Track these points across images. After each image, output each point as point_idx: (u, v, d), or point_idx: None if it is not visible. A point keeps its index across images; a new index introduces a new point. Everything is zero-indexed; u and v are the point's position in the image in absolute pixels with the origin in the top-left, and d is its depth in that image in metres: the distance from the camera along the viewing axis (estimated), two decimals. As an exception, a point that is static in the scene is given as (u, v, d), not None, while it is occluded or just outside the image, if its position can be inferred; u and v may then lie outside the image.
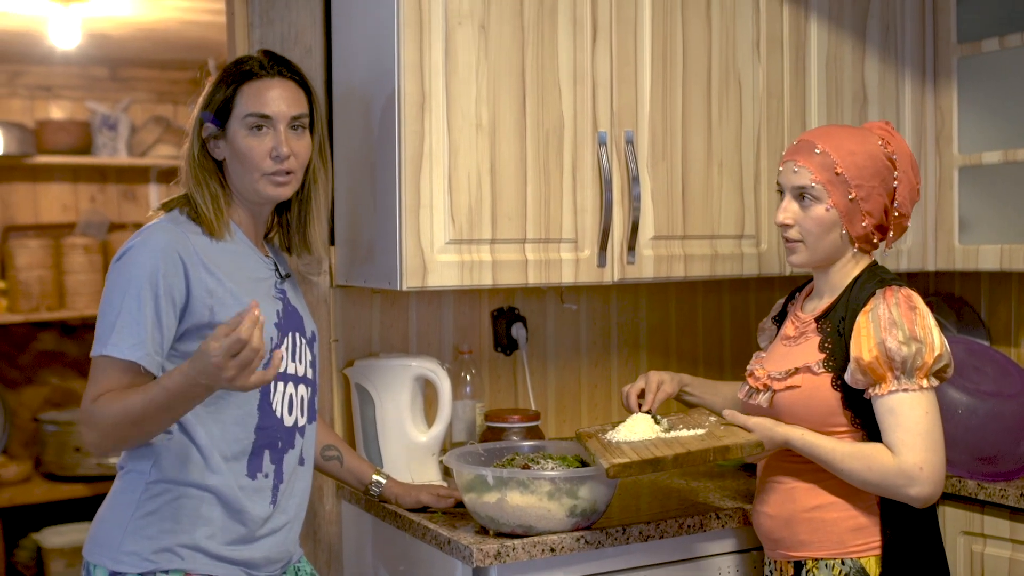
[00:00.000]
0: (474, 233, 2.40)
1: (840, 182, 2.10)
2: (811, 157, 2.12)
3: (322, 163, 2.15)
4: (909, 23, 2.99)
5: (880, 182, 2.12)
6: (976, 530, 2.57)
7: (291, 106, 2.04)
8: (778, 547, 2.18)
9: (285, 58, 2.09)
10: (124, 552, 1.94)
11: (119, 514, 1.97)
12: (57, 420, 4.79)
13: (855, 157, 2.11)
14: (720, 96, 2.69)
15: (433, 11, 2.34)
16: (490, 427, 2.65)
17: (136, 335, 1.88)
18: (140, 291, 1.89)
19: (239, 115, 2.02)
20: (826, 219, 2.13)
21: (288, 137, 2.03)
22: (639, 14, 2.58)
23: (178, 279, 1.92)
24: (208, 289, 1.94)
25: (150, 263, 1.90)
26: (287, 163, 2.03)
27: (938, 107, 3.00)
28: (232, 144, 2.03)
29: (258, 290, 2.04)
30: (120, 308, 1.89)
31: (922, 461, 1.98)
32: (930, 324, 2.04)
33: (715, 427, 2.17)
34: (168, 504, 1.95)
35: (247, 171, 2.03)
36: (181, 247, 1.94)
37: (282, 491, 2.06)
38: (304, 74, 2.10)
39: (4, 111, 4.97)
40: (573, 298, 3.04)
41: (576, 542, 2.17)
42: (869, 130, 2.18)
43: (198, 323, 1.94)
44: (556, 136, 2.48)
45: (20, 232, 4.94)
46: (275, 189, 2.04)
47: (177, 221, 2.00)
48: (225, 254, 2.01)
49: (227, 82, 2.04)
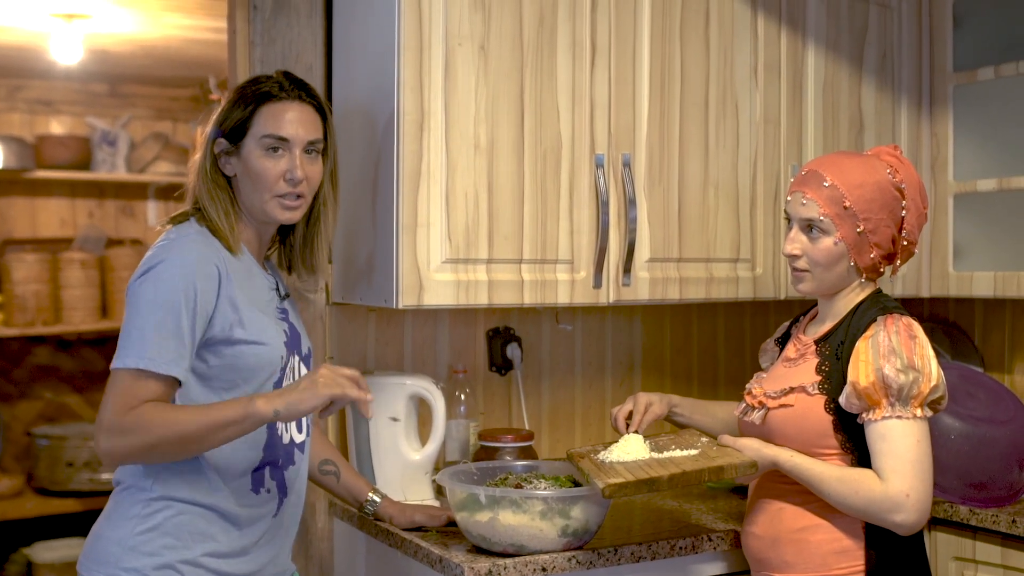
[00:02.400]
0: (471, 252, 2.41)
1: (849, 216, 2.11)
2: (820, 190, 2.13)
3: (332, 189, 2.17)
4: (906, 51, 3.02)
5: (888, 214, 2.13)
6: (968, 556, 2.58)
7: (308, 131, 2.06)
8: (764, 568, 2.19)
9: (305, 82, 2.11)
10: (123, 568, 1.93)
11: (118, 530, 1.96)
12: (50, 435, 4.77)
13: (863, 190, 2.11)
14: (717, 120, 2.71)
15: (433, 31, 2.36)
16: (483, 446, 2.66)
17: (176, 350, 1.87)
18: (178, 305, 1.88)
19: (256, 135, 2.03)
20: (834, 252, 2.13)
21: (303, 161, 2.05)
22: (638, 38, 2.60)
23: (211, 293, 1.92)
24: (232, 304, 1.95)
25: (187, 276, 1.90)
26: (300, 187, 2.04)
27: (934, 134, 3.03)
28: (246, 163, 2.04)
29: (267, 307, 2.05)
30: (158, 321, 1.87)
31: (909, 488, 1.99)
32: (929, 354, 2.05)
33: (708, 447, 2.18)
34: (170, 520, 1.94)
35: (258, 191, 2.04)
36: (216, 260, 1.95)
37: (284, 505, 2.07)
38: (322, 99, 2.12)
39: (4, 125, 4.98)
40: (568, 319, 3.04)
41: (568, 562, 2.17)
42: (877, 156, 2.18)
43: (215, 337, 1.93)
44: (554, 157, 2.50)
45: (17, 246, 4.94)
46: (284, 213, 2.06)
47: (204, 235, 2.00)
48: (240, 271, 2.02)
49: (246, 101, 2.05)
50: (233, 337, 1.94)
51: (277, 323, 2.06)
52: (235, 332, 1.94)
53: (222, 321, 1.93)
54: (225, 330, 1.93)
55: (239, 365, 1.96)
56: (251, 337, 1.96)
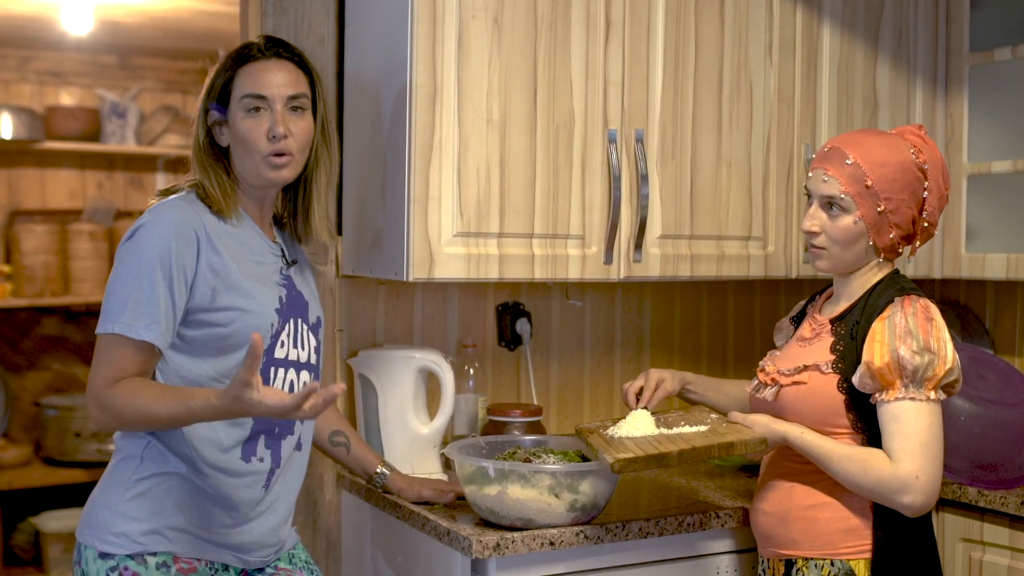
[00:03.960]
0: (482, 226, 2.40)
1: (870, 195, 2.09)
2: (842, 168, 2.11)
3: (325, 145, 2.12)
4: (922, 31, 3.00)
5: (910, 194, 2.11)
6: (976, 537, 2.58)
7: (288, 86, 2.02)
8: (771, 544, 2.19)
9: (284, 41, 2.08)
10: (113, 533, 1.94)
11: (110, 496, 1.98)
12: (58, 405, 4.79)
13: (886, 169, 2.09)
14: (731, 98, 2.70)
15: (447, 4, 2.34)
16: (492, 421, 2.66)
17: (150, 315, 1.88)
18: (153, 269, 1.88)
19: (237, 97, 2.02)
20: (854, 230, 2.12)
21: (285, 117, 2.01)
22: (652, 14, 2.58)
23: (190, 257, 1.92)
24: (213, 269, 1.94)
25: (163, 241, 1.90)
26: (284, 144, 2.01)
27: (948, 115, 3.01)
28: (232, 128, 2.03)
29: (260, 273, 2.03)
30: (133, 286, 1.89)
31: (918, 470, 1.99)
32: (945, 337, 2.04)
33: (718, 424, 2.18)
34: (157, 486, 1.96)
35: (248, 154, 2.02)
36: (195, 223, 1.94)
37: (276, 476, 2.06)
38: (304, 55, 2.09)
39: (14, 96, 4.97)
40: (578, 295, 3.04)
41: (575, 537, 2.17)
42: (901, 136, 2.16)
43: (199, 305, 1.93)
44: (566, 132, 2.48)
45: (27, 217, 4.95)
46: (274, 172, 2.03)
47: (189, 200, 2.00)
48: (232, 236, 2.01)
49: (226, 66, 2.04)
50: (215, 304, 1.93)
51: (273, 289, 2.04)
52: (217, 299, 1.94)
53: (203, 287, 1.93)
54: (206, 296, 1.93)
55: (222, 332, 1.95)
56: (233, 304, 1.95)
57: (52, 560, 4.58)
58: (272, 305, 2.02)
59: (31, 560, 4.74)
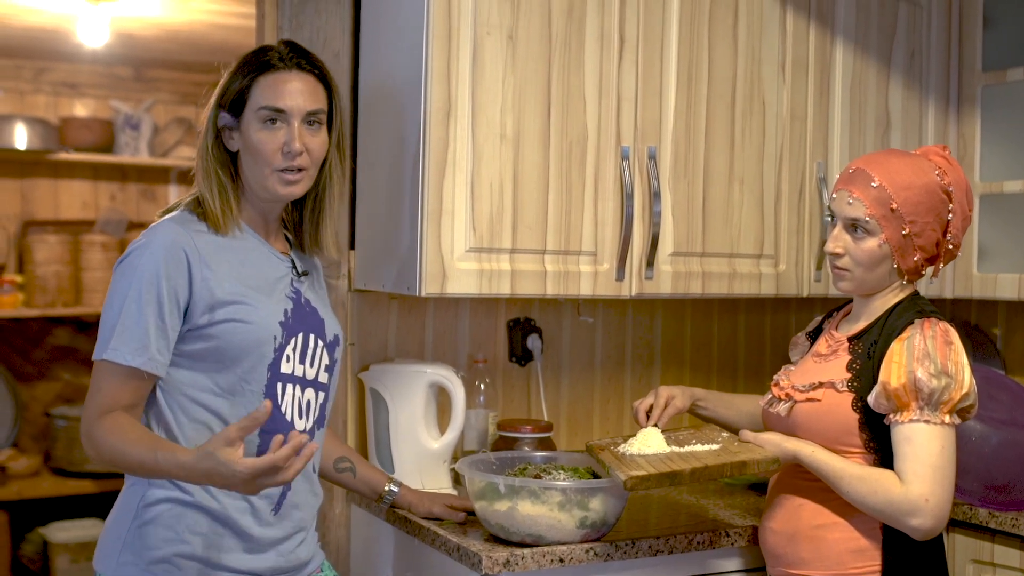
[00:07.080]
0: (494, 242, 2.40)
1: (895, 218, 2.09)
2: (867, 190, 2.10)
3: (339, 161, 2.08)
4: (935, 50, 3.00)
5: (935, 217, 2.10)
6: (986, 559, 2.57)
7: (308, 101, 1.97)
8: (779, 563, 2.18)
9: (306, 50, 2.03)
10: (122, 563, 1.92)
11: (119, 525, 1.96)
12: (68, 416, 4.80)
13: (911, 192, 2.08)
14: (744, 116, 2.70)
15: (462, 20, 2.35)
16: (502, 436, 2.66)
17: (138, 340, 1.86)
18: (141, 294, 1.86)
19: (253, 107, 1.96)
20: (878, 253, 2.11)
21: (302, 133, 1.97)
22: (666, 31, 2.59)
23: (182, 279, 1.88)
24: (208, 286, 1.90)
25: (152, 265, 1.87)
26: (299, 160, 1.97)
27: (961, 134, 3.01)
28: (245, 137, 1.98)
29: (262, 285, 1.98)
30: (121, 312, 1.87)
31: (929, 493, 1.98)
32: (963, 362, 2.04)
33: (729, 442, 2.18)
34: (167, 512, 1.92)
35: (258, 165, 1.97)
36: (186, 244, 1.90)
37: (288, 499, 2.01)
38: (324, 68, 2.04)
39: (29, 107, 5.00)
40: (589, 311, 3.04)
41: (585, 554, 2.17)
42: (926, 156, 2.15)
43: (197, 322, 1.90)
44: (579, 148, 2.49)
45: (39, 227, 4.97)
46: (285, 188, 1.98)
47: (182, 220, 1.96)
48: (229, 249, 1.96)
49: (244, 72, 1.99)
50: (214, 319, 1.90)
51: (278, 302, 1.99)
52: (216, 313, 1.90)
53: (200, 304, 1.90)
54: (204, 312, 1.90)
55: (222, 346, 1.91)
56: (231, 316, 1.91)
57: (60, 571, 4.57)
58: (275, 318, 1.97)
59: (39, 571, 4.73)
